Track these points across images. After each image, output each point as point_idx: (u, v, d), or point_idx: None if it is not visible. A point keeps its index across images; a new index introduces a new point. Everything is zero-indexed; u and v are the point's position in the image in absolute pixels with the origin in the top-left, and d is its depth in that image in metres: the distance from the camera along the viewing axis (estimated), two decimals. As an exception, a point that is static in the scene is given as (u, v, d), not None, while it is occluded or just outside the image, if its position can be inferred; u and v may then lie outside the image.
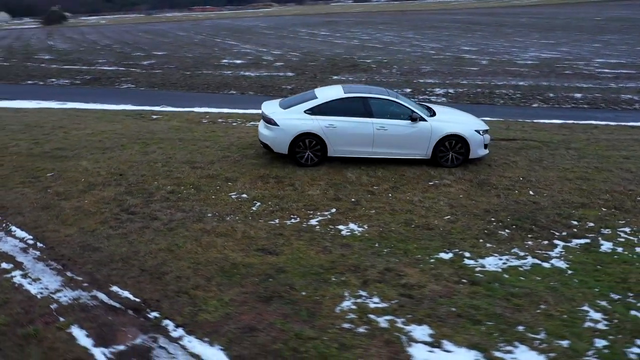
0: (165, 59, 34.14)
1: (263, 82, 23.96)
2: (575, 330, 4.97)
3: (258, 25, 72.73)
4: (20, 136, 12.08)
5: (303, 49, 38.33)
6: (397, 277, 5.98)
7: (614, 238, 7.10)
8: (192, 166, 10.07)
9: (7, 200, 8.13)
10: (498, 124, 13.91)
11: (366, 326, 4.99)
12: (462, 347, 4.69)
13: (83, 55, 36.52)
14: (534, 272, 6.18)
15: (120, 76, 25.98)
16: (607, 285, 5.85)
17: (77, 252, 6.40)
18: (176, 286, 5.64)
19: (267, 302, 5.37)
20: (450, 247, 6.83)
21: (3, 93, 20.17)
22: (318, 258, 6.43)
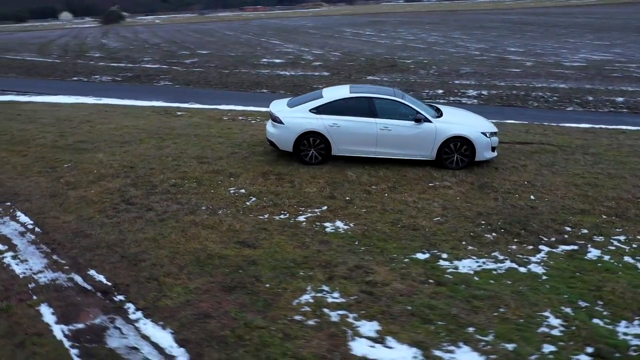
0: (208, 57, 35.23)
1: (296, 82, 24.33)
2: (527, 335, 4.95)
3: (305, 25, 73.51)
4: (49, 129, 12.95)
5: (344, 49, 38.51)
6: (365, 274, 6.10)
7: (605, 246, 6.92)
8: (200, 161, 10.50)
9: (21, 188, 8.81)
10: (519, 127, 13.64)
11: (317, 319, 5.16)
12: (405, 344, 4.78)
13: (131, 54, 38.22)
14: (507, 276, 6.15)
15: (160, 74, 27.08)
16: (578, 292, 5.75)
17: (68, 238, 6.90)
18: (149, 273, 6.00)
19: (230, 291, 5.64)
20: (430, 248, 6.87)
21: (48, 88, 21.53)
22: (293, 253, 6.64)
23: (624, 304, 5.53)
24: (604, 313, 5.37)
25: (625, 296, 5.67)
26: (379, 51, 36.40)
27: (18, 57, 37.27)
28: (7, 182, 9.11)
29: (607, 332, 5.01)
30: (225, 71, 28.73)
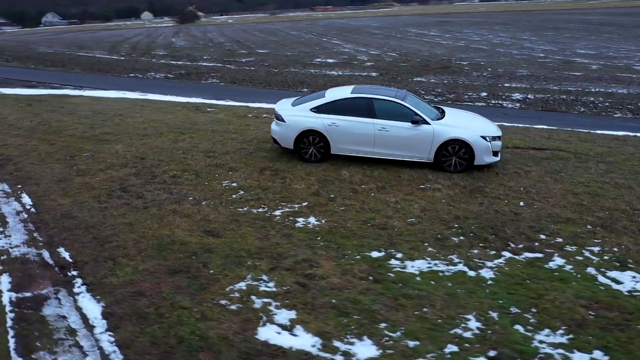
0: (264, 56, 36.44)
1: (340, 81, 24.67)
2: (436, 334, 5.04)
3: (370, 25, 73.64)
4: (82, 121, 14.17)
5: (402, 50, 38.42)
6: (308, 267, 6.38)
7: (573, 256, 6.77)
8: (207, 155, 11.14)
9: (36, 172, 9.84)
10: (543, 132, 13.27)
11: (240, 305, 5.52)
12: (310, 333, 5.03)
13: (193, 52, 40.22)
14: (451, 278, 6.20)
15: (211, 72, 28.42)
16: (515, 299, 5.73)
17: (55, 219, 7.71)
18: (110, 253, 6.62)
19: (173, 274, 6.13)
20: (389, 247, 7.02)
21: (102, 83, 23.29)
22: (251, 244, 7.03)
23: (557, 313, 5.44)
24: (531, 321, 5.32)
25: (563, 306, 5.57)
26: (437, 52, 36.00)
27: (89, 54, 40.33)
28: (27, 167, 10.17)
29: (521, 339, 4.99)
30: (274, 70, 29.61)
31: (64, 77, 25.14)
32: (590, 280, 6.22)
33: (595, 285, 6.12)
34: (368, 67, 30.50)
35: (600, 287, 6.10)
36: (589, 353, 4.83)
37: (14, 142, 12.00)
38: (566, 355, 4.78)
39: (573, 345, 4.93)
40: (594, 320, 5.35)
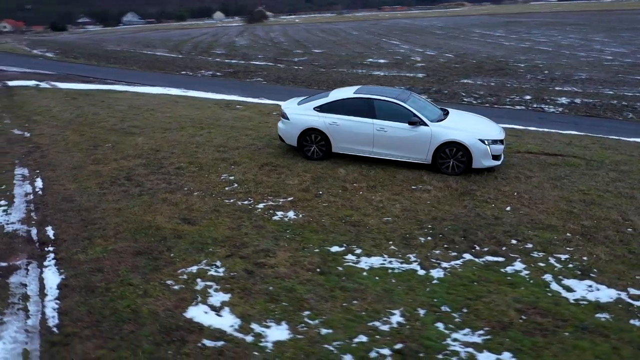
0: (317, 56, 37.16)
1: (382, 82, 24.85)
2: (352, 325, 5.29)
3: (435, 25, 72.62)
4: (116, 114, 15.33)
5: (460, 51, 37.90)
6: (263, 257, 6.78)
7: (535, 262, 6.76)
8: (218, 150, 11.81)
9: (57, 160, 10.88)
10: (565, 137, 12.95)
11: (182, 285, 6.03)
12: (234, 315, 5.44)
13: (249, 51, 41.61)
14: (399, 275, 6.39)
15: (259, 70, 29.41)
16: (452, 299, 5.85)
17: (56, 201, 8.59)
18: (90, 234, 7.35)
19: (136, 255, 6.74)
20: (352, 243, 7.29)
21: (151, 80, 24.77)
22: (221, 233, 7.54)
23: (486, 314, 5.53)
24: (456, 320, 5.44)
25: (496, 308, 5.64)
26: (497, 54, 35.23)
27: (151, 52, 42.74)
28: (52, 154, 11.26)
29: (435, 335, 5.14)
30: (321, 70, 30.16)
31: (120, 74, 26.96)
32: (540, 287, 6.19)
33: (544, 291, 6.09)
34: (418, 68, 30.38)
35: (548, 293, 6.06)
36: (498, 354, 4.90)
37: (50, 132, 13.24)
38: (472, 354, 4.88)
39: (485, 345, 5.02)
40: (520, 324, 5.38)
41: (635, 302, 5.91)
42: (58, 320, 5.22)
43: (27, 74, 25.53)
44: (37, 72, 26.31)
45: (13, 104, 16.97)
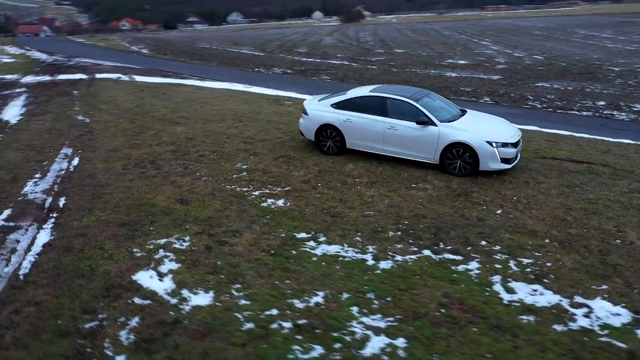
0: (396, 56, 37.40)
1: (448, 83, 24.69)
2: (271, 300, 5.77)
3: (536, 25, 69.33)
4: (171, 106, 16.80)
5: (553, 53, 36.38)
6: (229, 236, 7.45)
7: (493, 263, 6.84)
8: (244, 141, 12.71)
9: (100, 143, 12.35)
10: (602, 145, 12.36)
11: (144, 253, 6.86)
12: (173, 281, 6.17)
13: (331, 50, 42.64)
14: (346, 263, 6.75)
15: (329, 69, 30.22)
16: (383, 288, 6.13)
17: (80, 177, 9.88)
18: (92, 205, 8.48)
19: (120, 226, 7.70)
20: (320, 231, 7.76)
21: (221, 75, 26.43)
22: (205, 213, 8.33)
23: (406, 305, 5.78)
24: (373, 306, 5.76)
25: (419, 300, 5.87)
26: (593, 56, 33.51)
27: (236, 50, 45.17)
28: (99, 138, 12.78)
29: (343, 317, 5.50)
30: (394, 69, 30.39)
31: (197, 69, 29.01)
32: (481, 286, 6.29)
33: (482, 290, 6.19)
34: (497, 70, 29.69)
35: (485, 293, 6.15)
36: (393, 339, 5.17)
37: (107, 119, 14.92)
38: (368, 336, 5.20)
39: (385, 330, 5.30)
40: (434, 316, 5.58)
41: (573, 309, 5.84)
42: (27, 271, 6.25)
43: (117, 67, 28.33)
44: (126, 66, 29.08)
45: (88, 94, 19.15)
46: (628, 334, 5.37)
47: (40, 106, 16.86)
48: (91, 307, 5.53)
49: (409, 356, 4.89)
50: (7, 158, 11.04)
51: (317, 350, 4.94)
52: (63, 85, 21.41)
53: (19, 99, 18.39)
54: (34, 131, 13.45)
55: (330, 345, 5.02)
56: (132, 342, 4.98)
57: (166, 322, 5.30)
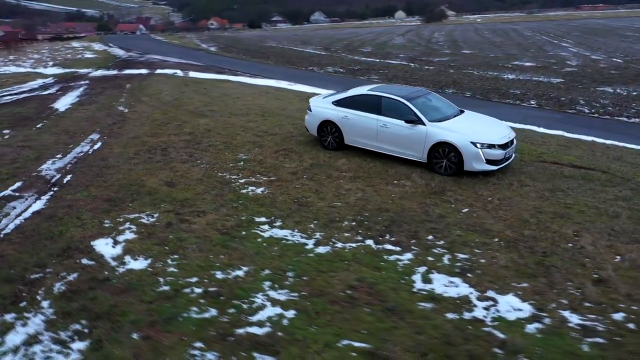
0: (461, 57, 37.18)
1: (498, 85, 24.45)
2: (197, 270, 6.50)
3: (631, 26, 65.30)
4: (205, 100, 18.09)
5: (636, 55, 34.64)
6: (194, 216, 8.33)
7: (426, 256, 7.13)
8: (257, 134, 13.65)
9: (126, 131, 13.76)
10: (615, 151, 12.08)
11: (112, 225, 7.91)
12: (123, 248, 7.13)
13: (395, 50, 42.91)
14: (286, 246, 7.32)
15: (382, 69, 30.64)
16: (305, 268, 6.68)
17: (94, 159, 11.20)
18: (90, 183, 9.68)
19: (105, 202, 8.84)
20: (280, 217, 8.41)
21: (272, 73, 27.66)
22: (184, 195, 9.27)
23: (317, 284, 6.30)
24: (286, 283, 6.35)
25: (332, 281, 6.38)
26: None
27: (301, 49, 46.50)
28: (127, 127, 14.22)
29: (252, 289, 6.14)
30: (450, 71, 30.36)
31: (253, 67, 30.49)
32: (400, 274, 6.71)
33: (398, 278, 6.60)
34: (563, 72, 28.94)
35: (401, 281, 6.58)
36: (285, 310, 5.77)
37: (143, 110, 16.43)
38: (264, 305, 5.85)
39: (283, 302, 5.91)
40: (336, 295, 6.11)
41: (478, 301, 6.13)
42: (9, 231, 7.49)
43: (179, 64, 30.44)
44: (188, 63, 31.15)
45: (138, 87, 20.98)
46: (516, 327, 5.61)
47: (91, 97, 18.79)
48: (44, 262, 6.60)
49: (289, 325, 5.47)
50: (40, 140, 12.65)
51: (210, 312, 5.64)
52: (121, 79, 23.52)
53: (77, 90, 20.55)
54: (75, 118, 15.16)
55: (225, 310, 5.70)
56: (61, 291, 5.95)
57: (97, 279, 6.23)
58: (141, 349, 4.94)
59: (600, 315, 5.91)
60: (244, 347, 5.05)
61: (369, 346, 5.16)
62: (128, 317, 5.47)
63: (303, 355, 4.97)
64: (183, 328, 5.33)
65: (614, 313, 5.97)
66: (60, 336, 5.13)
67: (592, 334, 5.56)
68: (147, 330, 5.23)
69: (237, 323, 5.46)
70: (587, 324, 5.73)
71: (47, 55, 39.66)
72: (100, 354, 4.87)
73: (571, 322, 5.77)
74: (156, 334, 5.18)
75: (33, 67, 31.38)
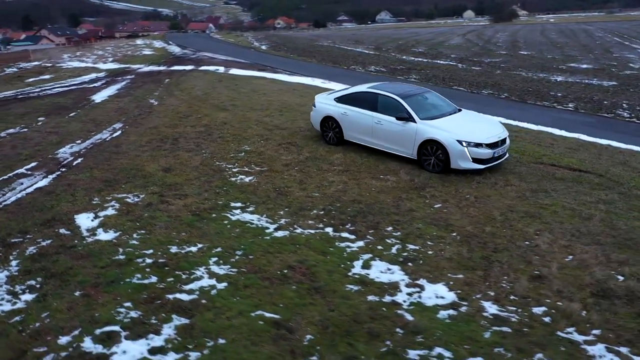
0: (516, 58, 36.81)
1: (540, 87, 24.06)
2: (156, 244, 7.26)
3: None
4: (233, 95, 18.99)
5: None
6: (175, 198, 9.13)
7: (377, 245, 7.59)
8: (268, 128, 14.39)
9: (148, 121, 14.84)
10: (619, 155, 11.92)
11: (99, 202, 8.83)
12: (99, 222, 8.05)
13: (448, 51, 42.58)
14: (248, 228, 7.93)
15: (424, 69, 30.67)
16: (255, 248, 7.29)
17: (108, 146, 12.30)
18: (96, 166, 10.74)
19: (102, 182, 9.83)
20: (255, 204, 9.03)
21: (310, 71, 28.31)
22: (176, 180, 10.09)
23: (259, 263, 6.87)
24: (231, 260, 6.97)
25: (273, 262, 6.95)
26: None
27: (351, 48, 46.99)
28: (151, 118, 15.33)
29: (197, 262, 6.81)
30: (497, 72, 30.05)
31: (296, 65, 31.33)
32: (343, 260, 7.18)
33: (339, 263, 7.06)
34: (620, 76, 28.05)
35: (341, 265, 7.03)
36: (218, 282, 6.41)
37: (172, 103, 17.59)
38: (202, 276, 6.51)
39: (219, 276, 6.56)
40: (271, 273, 6.66)
41: (406, 288, 6.51)
42: (9, 202, 8.60)
43: (225, 61, 31.81)
44: (234, 60, 32.47)
45: (175, 82, 22.30)
46: (429, 313, 5.97)
47: (129, 90, 20.25)
48: (27, 229, 7.59)
49: (216, 295, 6.11)
50: (68, 127, 13.99)
51: (150, 279, 6.37)
52: (163, 74, 25.03)
53: (120, 84, 22.15)
54: (106, 109, 16.52)
55: (165, 278, 6.42)
56: (30, 254, 6.89)
57: (65, 246, 7.12)
58: (77, 304, 5.72)
59: (520, 308, 6.13)
60: (166, 309, 5.71)
61: (278, 317, 5.69)
62: (77, 278, 6.27)
63: (215, 319, 5.58)
64: (120, 290, 6.07)
65: (536, 307, 6.16)
66: (15, 289, 6.02)
67: (502, 323, 5.81)
68: (89, 290, 6.01)
69: (170, 290, 6.13)
70: (502, 315, 5.97)
71: (110, 52, 42.37)
72: (41, 305, 5.69)
73: (487, 311, 6.04)
74: (95, 293, 5.94)
75: (94, 63, 33.70)
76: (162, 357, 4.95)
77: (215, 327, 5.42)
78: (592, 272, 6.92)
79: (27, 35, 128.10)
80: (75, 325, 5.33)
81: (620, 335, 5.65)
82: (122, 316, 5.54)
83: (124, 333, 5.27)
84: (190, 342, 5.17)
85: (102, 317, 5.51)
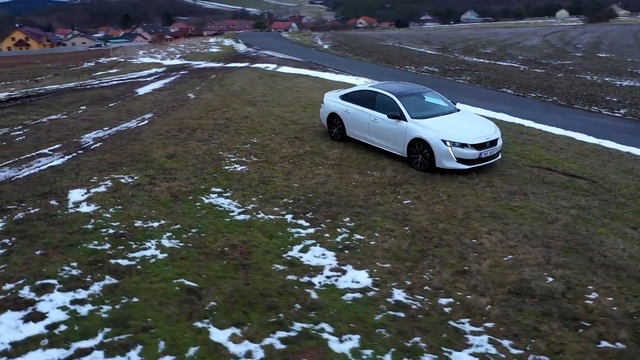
0: (588, 61, 36.45)
1: (598, 92, 23.45)
2: (126, 219, 8.41)
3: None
4: (266, 91, 19.99)
5: None
6: (165, 182, 10.16)
7: (325, 233, 8.28)
8: (284, 122, 15.25)
9: (178, 113, 16.15)
10: (626, 161, 11.76)
11: (96, 181, 10.06)
12: (87, 198, 9.25)
13: (518, 52, 41.59)
14: (215, 211, 8.82)
15: (480, 70, 30.36)
16: (211, 228, 8.13)
17: (129, 133, 13.69)
18: (110, 150, 12.11)
19: (108, 164, 11.11)
20: (233, 190, 9.92)
21: (358, 70, 28.89)
22: (173, 165, 11.11)
23: (207, 240, 7.76)
24: (184, 236, 7.90)
25: (221, 240, 7.80)
26: None
27: (415, 48, 46.87)
28: (181, 110, 16.65)
29: (151, 235, 7.70)
30: (558, 75, 29.26)
31: (348, 64, 32.05)
32: (285, 244, 7.88)
33: (280, 245, 7.76)
34: None
35: (279, 248, 7.75)
36: (160, 253, 7.34)
37: (208, 97, 18.89)
38: (150, 247, 7.45)
39: (164, 248, 7.48)
40: (211, 249, 7.47)
41: (329, 272, 7.08)
42: (21, 176, 10.03)
43: (281, 59, 33.11)
44: (290, 59, 33.70)
45: (220, 78, 23.71)
46: (335, 294, 6.52)
47: (174, 84, 21.88)
48: (24, 199, 8.92)
49: (152, 263, 7.03)
50: (102, 116, 15.59)
51: (104, 246, 7.39)
52: (214, 70, 26.62)
53: (169, 78, 23.91)
54: (144, 101, 18.09)
55: (116, 246, 7.42)
56: (18, 218, 8.16)
57: (48, 215, 8.34)
58: (33, 261, 6.83)
59: (427, 298, 6.55)
60: (103, 271, 6.69)
61: (195, 285, 6.50)
62: (44, 240, 7.41)
63: (139, 282, 6.48)
64: (74, 253, 7.13)
65: (444, 298, 6.56)
66: (-11, 245, 7.24)
67: (400, 309, 6.28)
68: (48, 250, 7.12)
69: (115, 256, 7.12)
70: (405, 302, 6.44)
71: (180, 49, 45.11)
72: (4, 259, 6.86)
73: (393, 298, 6.52)
74: (52, 253, 7.03)
75: (162, 59, 36.16)
76: (80, 307, 5.88)
77: (135, 289, 6.30)
78: (522, 272, 7.15)
79: (125, 33, 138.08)
80: (22, 277, 6.40)
81: (511, 329, 5.94)
82: (63, 273, 6.56)
83: (59, 286, 6.27)
84: (109, 298, 6.07)
85: (47, 272, 6.55)
